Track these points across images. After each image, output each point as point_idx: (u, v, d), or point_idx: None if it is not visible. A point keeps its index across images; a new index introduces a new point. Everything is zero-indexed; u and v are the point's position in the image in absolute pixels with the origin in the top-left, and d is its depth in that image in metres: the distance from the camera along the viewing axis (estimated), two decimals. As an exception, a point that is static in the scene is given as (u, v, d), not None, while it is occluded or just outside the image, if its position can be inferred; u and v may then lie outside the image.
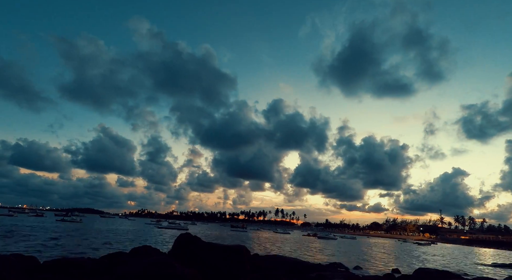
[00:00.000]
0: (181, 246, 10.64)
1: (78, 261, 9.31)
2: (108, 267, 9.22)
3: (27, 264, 8.69)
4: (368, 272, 17.97)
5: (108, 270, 8.90)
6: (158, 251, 12.15)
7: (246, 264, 10.11)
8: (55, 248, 18.22)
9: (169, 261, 8.02)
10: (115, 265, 9.15)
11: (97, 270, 8.94)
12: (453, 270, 21.04)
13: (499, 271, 25.46)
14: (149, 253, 11.30)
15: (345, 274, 11.60)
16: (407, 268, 21.41)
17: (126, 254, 11.38)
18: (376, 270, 19.13)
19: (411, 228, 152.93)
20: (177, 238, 11.01)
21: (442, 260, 33.67)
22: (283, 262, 13.37)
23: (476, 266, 28.76)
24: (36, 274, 8.08)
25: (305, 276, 11.04)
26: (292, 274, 11.72)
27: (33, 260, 9.27)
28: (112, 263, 9.61)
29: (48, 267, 8.74)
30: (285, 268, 12.35)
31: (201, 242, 10.65)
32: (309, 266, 13.28)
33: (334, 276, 10.65)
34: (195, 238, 10.93)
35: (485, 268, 26.86)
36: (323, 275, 10.61)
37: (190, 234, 11.19)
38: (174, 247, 10.89)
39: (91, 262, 9.82)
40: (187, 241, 10.78)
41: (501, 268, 27.90)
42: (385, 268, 20.38)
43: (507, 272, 24.15)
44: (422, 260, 31.67)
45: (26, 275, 7.66)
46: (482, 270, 24.84)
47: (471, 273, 21.63)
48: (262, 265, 11.82)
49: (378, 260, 27.27)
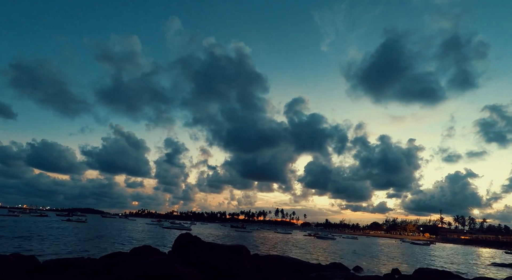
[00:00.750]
0: (181, 246, 10.65)
1: (78, 261, 9.34)
2: (108, 267, 9.22)
3: (27, 264, 8.70)
4: (368, 272, 17.99)
5: (108, 270, 8.90)
6: (158, 251, 12.15)
7: (246, 264, 10.12)
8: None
9: (169, 261, 8.02)
10: (115, 265, 9.15)
11: (97, 270, 8.94)
12: (453, 270, 21.04)
13: (499, 271, 25.46)
14: (149, 253, 11.29)
15: (345, 274, 11.60)
16: (407, 268, 21.41)
17: (126, 254, 11.39)
18: (376, 270, 19.15)
19: (411, 228, 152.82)
20: (177, 238, 11.02)
21: (442, 260, 33.66)
22: (283, 262, 13.37)
23: (476, 266, 28.77)
24: (36, 274, 8.09)
25: (305, 276, 11.04)
26: (292, 274, 11.71)
27: (33, 260, 9.28)
28: (112, 263, 9.61)
29: (48, 267, 8.75)
30: (285, 268, 12.35)
31: (201, 242, 10.66)
32: (309, 266, 13.28)
33: (334, 276, 10.65)
34: (195, 238, 10.94)
35: (485, 268, 26.87)
36: (323, 275, 10.61)
37: (190, 234, 11.20)
38: (174, 247, 10.90)
39: (91, 262, 9.85)
40: (187, 241, 10.80)
41: (501, 268, 27.91)
42: (385, 268, 20.39)
43: (507, 272, 24.16)
44: (422, 260, 31.66)
45: (26, 275, 7.67)
46: (482, 270, 24.85)
47: (471, 273, 21.63)
48: (262, 265, 11.82)
49: (378, 260, 27.27)
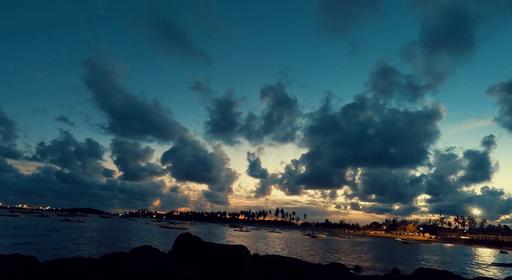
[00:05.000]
0: (181, 246, 10.65)
1: (78, 261, 9.32)
2: (108, 267, 9.22)
3: (27, 264, 8.70)
4: (368, 272, 17.98)
5: (108, 270, 8.91)
6: (158, 251, 12.15)
7: (246, 264, 10.12)
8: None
9: (169, 261, 8.02)
10: (115, 265, 9.16)
11: (97, 270, 8.95)
12: (453, 270, 21.04)
13: (499, 271, 25.46)
14: (149, 253, 11.29)
15: (345, 274, 11.60)
16: (407, 268, 21.41)
17: (126, 254, 11.38)
18: (376, 270, 19.14)
19: (411, 228, 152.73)
20: (177, 238, 11.02)
21: (442, 260, 33.66)
22: (283, 262, 13.36)
23: (476, 266, 28.77)
24: (36, 274, 8.09)
25: (305, 276, 11.04)
26: (292, 274, 11.71)
27: (33, 260, 9.28)
28: (112, 263, 9.61)
29: (48, 267, 8.75)
30: (285, 268, 12.34)
31: (201, 242, 10.67)
32: (309, 266, 13.28)
33: (334, 276, 10.65)
34: (195, 238, 10.94)
35: (485, 268, 26.87)
36: (323, 275, 10.61)
37: (190, 234, 11.19)
38: (174, 247, 10.90)
39: (91, 262, 9.84)
40: (187, 241, 10.80)
41: (501, 268, 27.91)
42: (385, 268, 20.39)
43: (507, 272, 24.16)
44: (422, 260, 31.67)
45: (26, 275, 7.67)
46: (482, 270, 24.85)
47: (471, 273, 21.63)
48: (262, 265, 11.82)
49: (378, 260, 27.27)
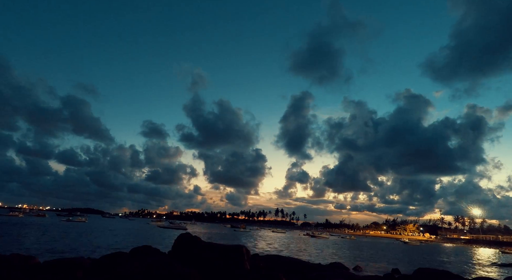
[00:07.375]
0: (181, 246, 10.64)
1: (78, 261, 9.33)
2: (108, 267, 9.22)
3: (27, 264, 8.71)
4: (368, 272, 17.98)
5: (108, 270, 8.91)
6: (158, 251, 12.14)
7: (246, 264, 10.11)
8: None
9: (169, 261, 8.02)
10: (115, 265, 9.16)
11: (97, 270, 8.95)
12: (453, 270, 21.03)
13: (499, 271, 25.46)
14: (149, 253, 11.29)
15: (345, 274, 11.60)
16: (407, 268, 21.40)
17: (126, 254, 11.37)
18: (376, 270, 19.13)
19: (411, 228, 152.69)
20: (177, 238, 11.00)
21: (442, 260, 33.65)
22: (283, 262, 13.37)
23: (476, 266, 28.76)
24: (36, 274, 8.09)
25: (305, 276, 11.04)
26: (292, 274, 11.71)
27: (33, 260, 9.28)
28: (112, 263, 9.61)
29: (48, 267, 8.75)
30: (285, 268, 12.35)
31: (201, 242, 10.65)
32: (309, 266, 13.28)
33: (334, 276, 10.65)
34: (195, 238, 10.92)
35: (485, 268, 26.86)
36: (323, 275, 10.61)
37: (190, 234, 11.18)
38: (174, 247, 10.89)
39: (91, 262, 9.84)
40: (187, 241, 10.79)
41: (501, 268, 27.90)
42: (385, 268, 20.38)
43: (507, 272, 24.15)
44: (422, 260, 31.65)
45: (26, 275, 7.67)
46: (482, 270, 24.84)
47: (471, 273, 21.63)
48: (262, 265, 11.82)
49: (378, 260, 27.26)
